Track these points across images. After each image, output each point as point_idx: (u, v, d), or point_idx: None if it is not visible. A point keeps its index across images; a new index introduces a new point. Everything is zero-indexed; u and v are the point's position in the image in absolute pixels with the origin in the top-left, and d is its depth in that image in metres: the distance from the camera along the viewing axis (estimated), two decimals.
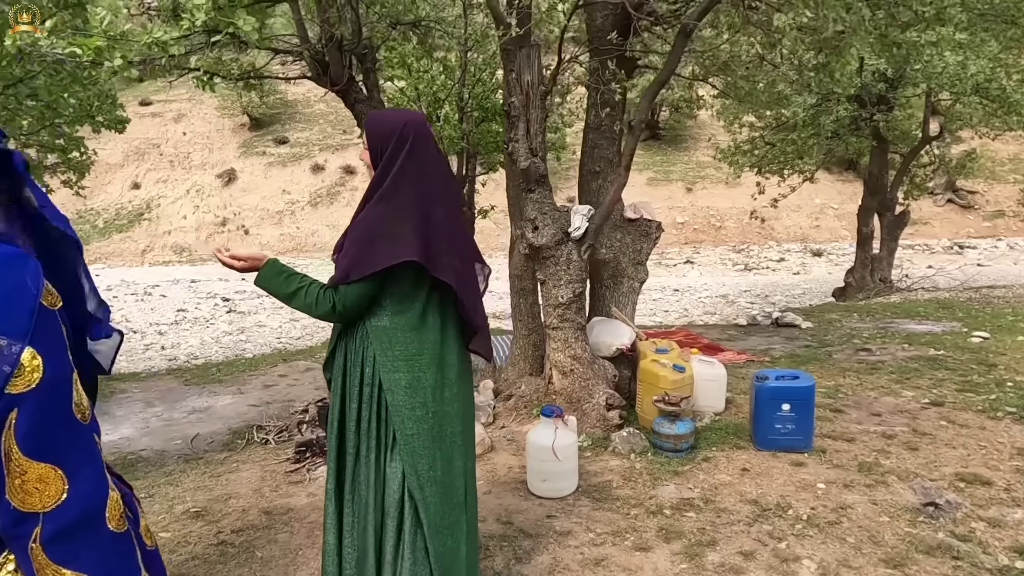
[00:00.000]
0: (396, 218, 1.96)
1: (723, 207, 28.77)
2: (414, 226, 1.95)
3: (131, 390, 5.63)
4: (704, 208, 28.97)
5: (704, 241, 28.04)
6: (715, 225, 28.47)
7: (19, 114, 6.59)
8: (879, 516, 2.90)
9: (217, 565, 2.74)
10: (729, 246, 27.19)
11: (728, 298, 16.49)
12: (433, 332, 2.08)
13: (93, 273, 4.19)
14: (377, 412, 2.06)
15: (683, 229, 28.39)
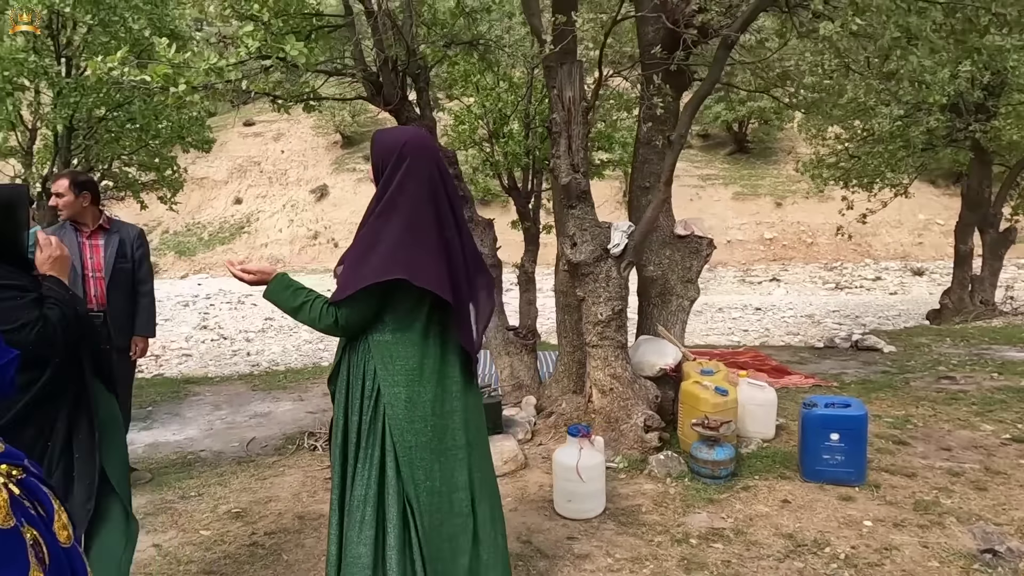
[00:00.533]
0: (393, 235, 2.00)
1: (815, 222, 27.44)
2: (411, 243, 1.99)
3: (203, 393, 6.00)
4: (794, 223, 27.77)
5: (794, 258, 26.85)
6: (806, 241, 27.20)
7: (120, 136, 7.20)
8: (927, 560, 2.66)
9: (245, 565, 2.86)
10: (821, 263, 25.92)
11: (814, 318, 15.69)
12: (434, 347, 2.11)
13: (196, 283, 4.50)
14: (376, 424, 2.10)
15: (771, 245, 27.31)
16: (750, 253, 27.39)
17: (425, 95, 4.68)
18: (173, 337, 13.68)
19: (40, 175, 7.01)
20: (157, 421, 5.17)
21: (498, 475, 3.54)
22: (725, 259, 26.77)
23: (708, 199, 29.08)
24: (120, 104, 6.56)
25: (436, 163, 2.09)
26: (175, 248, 29.26)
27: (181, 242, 29.42)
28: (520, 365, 4.78)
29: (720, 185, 29.93)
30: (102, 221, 3.73)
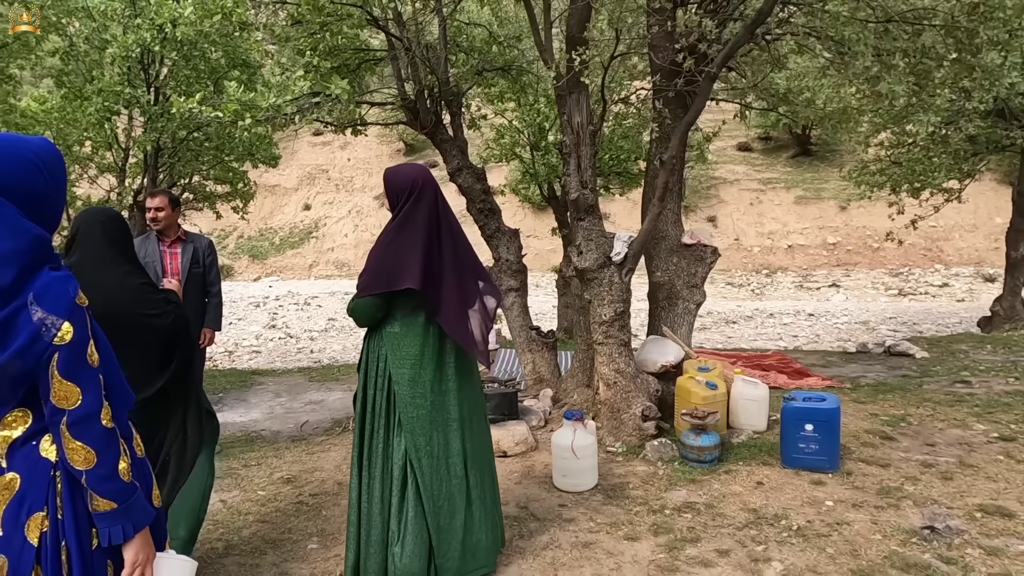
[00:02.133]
0: (401, 252, 2.55)
1: (883, 227, 26.70)
2: (414, 259, 2.53)
3: (267, 383, 6.75)
4: (860, 228, 27.00)
5: (859, 263, 26.14)
6: (872, 246, 26.42)
7: (199, 154, 8.09)
8: (872, 534, 3.01)
9: (292, 518, 3.47)
10: (887, 269, 25.16)
11: (868, 325, 15.46)
12: (433, 338, 2.65)
13: (267, 285, 5.38)
14: (387, 399, 2.65)
15: (834, 250, 26.68)
16: (812, 258, 26.83)
17: (457, 119, 5.25)
18: (245, 335, 14.79)
19: (132, 189, 7.97)
20: (227, 405, 5.92)
21: (510, 456, 4.09)
22: (785, 264, 26.37)
23: (769, 203, 28.63)
24: (199, 127, 7.40)
25: (437, 194, 2.64)
26: (249, 252, 31.02)
27: (254, 246, 31.15)
28: (541, 361, 5.27)
29: (781, 188, 29.36)
30: (179, 233, 4.46)
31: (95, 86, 6.73)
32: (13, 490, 1.31)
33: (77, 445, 1.31)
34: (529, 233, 25.75)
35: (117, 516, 1.35)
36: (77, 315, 1.30)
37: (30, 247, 1.30)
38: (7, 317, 1.25)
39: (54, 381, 1.28)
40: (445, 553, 2.62)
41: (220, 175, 8.65)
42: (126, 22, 6.80)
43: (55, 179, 1.40)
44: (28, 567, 1.30)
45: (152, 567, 1.43)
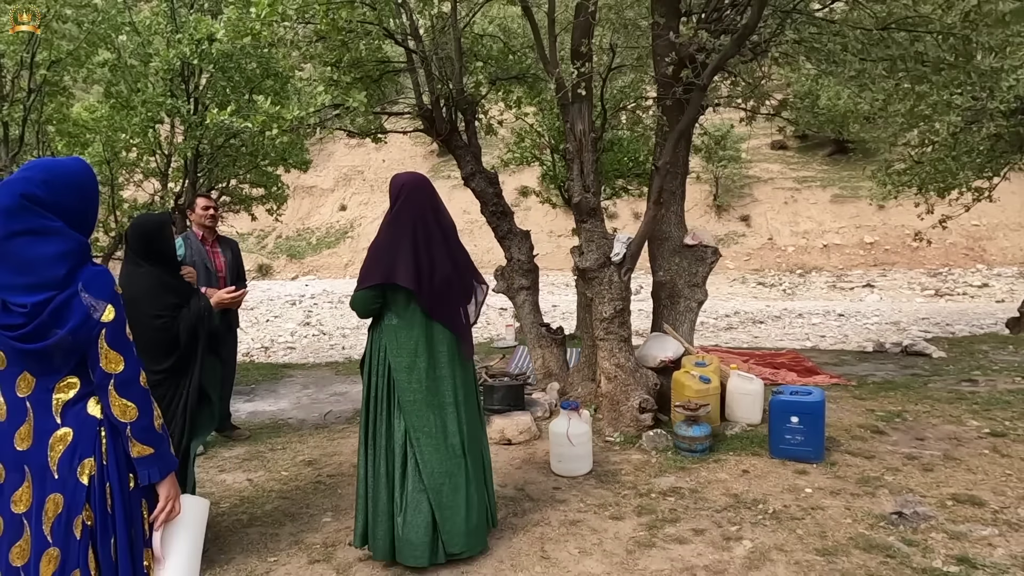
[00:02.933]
0: (390, 249, 2.85)
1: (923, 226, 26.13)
2: (402, 255, 2.83)
3: (296, 375, 7.16)
4: (898, 227, 26.45)
5: (896, 263, 25.66)
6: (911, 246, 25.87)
7: (236, 160, 8.56)
8: (843, 519, 3.20)
9: (311, 495, 3.81)
10: (926, 269, 24.66)
11: (899, 325, 15.27)
12: (426, 328, 2.94)
13: (304, 284, 5.91)
14: (387, 385, 2.96)
15: (871, 249, 26.25)
16: (847, 258, 26.43)
17: (471, 126, 5.54)
18: (280, 332, 15.37)
19: (174, 192, 8.48)
20: (258, 395, 6.33)
21: (513, 443, 4.38)
22: (820, 264, 26.05)
23: (804, 202, 28.30)
24: (235, 135, 7.85)
25: (428, 199, 2.93)
26: (287, 252, 31.90)
27: (292, 246, 32.00)
28: (550, 356, 5.53)
29: (817, 187, 28.96)
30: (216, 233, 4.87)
31: (140, 97, 7.21)
32: (67, 442, 1.64)
33: (123, 402, 1.64)
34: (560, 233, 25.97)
35: (153, 460, 1.69)
36: (116, 299, 1.64)
37: (76, 249, 1.64)
38: (63, 302, 1.59)
39: (102, 351, 1.62)
40: (452, 529, 2.89)
41: (255, 179, 9.11)
42: (168, 37, 7.28)
43: (89, 195, 1.74)
44: (80, 503, 1.63)
45: (179, 503, 1.77)
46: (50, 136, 8.52)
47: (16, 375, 1.64)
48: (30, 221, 1.59)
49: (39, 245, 1.59)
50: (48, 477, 1.63)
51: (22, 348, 1.59)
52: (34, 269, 1.58)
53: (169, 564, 1.74)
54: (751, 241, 27.46)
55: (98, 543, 1.64)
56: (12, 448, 1.64)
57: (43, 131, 8.31)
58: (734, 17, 4.37)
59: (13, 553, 1.64)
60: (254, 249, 30.81)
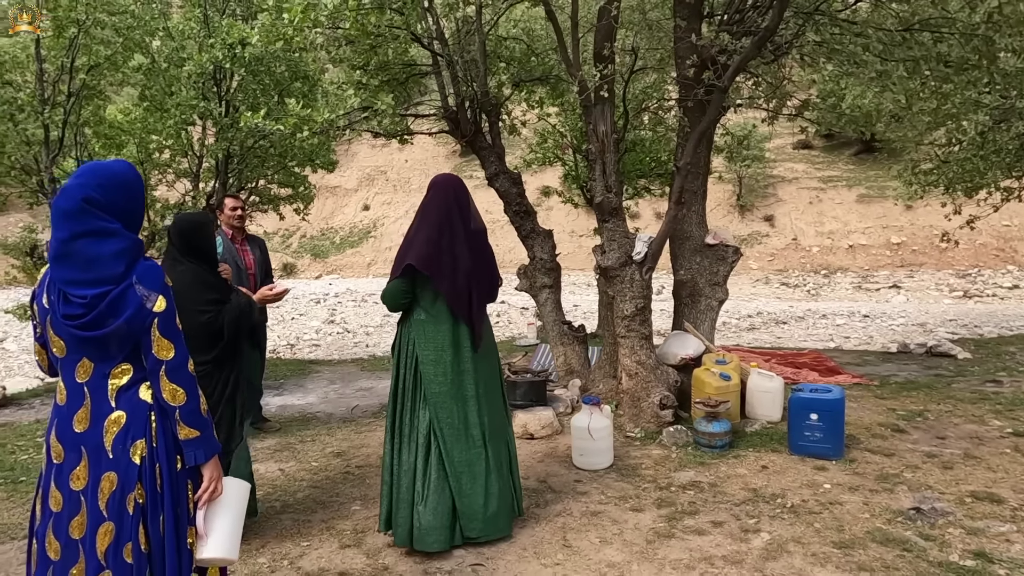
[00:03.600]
0: (417, 242, 2.98)
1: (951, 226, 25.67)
2: (426, 250, 2.95)
3: (323, 371, 7.33)
4: (926, 227, 26.02)
5: (924, 264, 25.24)
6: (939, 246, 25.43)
7: (264, 161, 8.77)
8: (861, 513, 3.25)
9: (340, 485, 3.94)
10: (954, 270, 24.23)
11: (926, 327, 15.07)
12: (452, 323, 3.06)
13: (328, 283, 6.18)
14: (415, 377, 3.08)
15: (898, 250, 25.87)
16: (873, 258, 26.07)
17: (495, 127, 5.65)
18: (305, 330, 15.62)
19: (205, 192, 8.71)
20: (287, 390, 6.51)
21: (535, 438, 4.48)
22: (846, 264, 25.73)
23: (829, 202, 27.96)
24: (264, 136, 8.05)
25: (456, 198, 3.05)
26: (311, 251, 32.31)
27: (316, 245, 32.40)
28: (572, 353, 5.62)
29: (843, 187, 28.59)
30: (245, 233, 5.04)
31: (174, 100, 7.44)
32: (120, 424, 1.77)
33: (172, 387, 1.77)
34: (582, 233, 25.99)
35: (199, 443, 1.81)
36: (167, 291, 1.78)
37: (132, 246, 1.79)
38: (119, 294, 1.73)
39: (155, 339, 1.75)
40: (469, 515, 3.02)
41: (283, 179, 9.32)
42: (200, 41, 7.49)
43: (138, 195, 1.89)
44: (133, 481, 1.76)
45: (221, 484, 1.90)
46: (87, 138, 8.81)
47: (76, 362, 1.78)
48: (91, 223, 1.73)
49: (100, 244, 1.73)
50: (103, 457, 1.76)
51: (82, 336, 1.73)
52: (96, 266, 1.72)
53: (211, 541, 1.86)
54: (775, 241, 27.23)
55: (148, 519, 1.77)
56: (71, 430, 1.78)
57: (80, 133, 8.59)
58: (755, 19, 4.42)
59: (72, 526, 1.78)
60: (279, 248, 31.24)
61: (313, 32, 4.37)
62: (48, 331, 1.79)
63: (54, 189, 8.20)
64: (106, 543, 1.75)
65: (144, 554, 1.76)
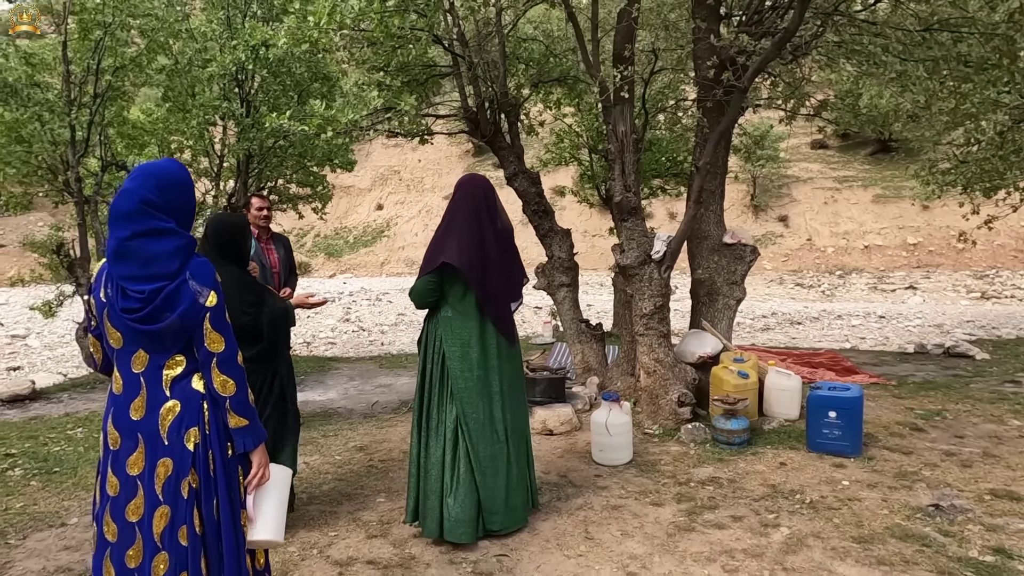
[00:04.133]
0: (450, 240, 3.04)
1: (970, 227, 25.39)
2: (456, 246, 3.01)
3: (342, 368, 7.43)
4: (943, 228, 25.79)
5: (941, 265, 25.02)
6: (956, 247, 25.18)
7: (284, 160, 8.89)
8: (880, 510, 3.28)
9: (364, 478, 4.02)
10: (972, 271, 24.00)
11: (943, 328, 14.97)
12: (479, 320, 3.12)
13: (342, 281, 6.33)
14: (442, 373, 3.14)
15: (915, 251, 25.66)
16: (889, 259, 25.87)
17: (514, 127, 5.71)
18: (321, 328, 15.76)
19: (225, 192, 8.84)
20: (307, 386, 6.61)
21: (555, 434, 4.54)
22: (861, 265, 25.56)
23: (844, 202, 27.77)
24: (284, 136, 8.17)
25: (485, 197, 3.12)
26: (325, 250, 32.51)
27: (330, 245, 32.61)
28: (589, 352, 5.68)
29: (859, 187, 28.37)
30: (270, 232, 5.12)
31: (197, 101, 7.56)
32: (175, 413, 1.86)
33: (223, 378, 1.86)
34: (595, 233, 25.99)
35: (247, 431, 1.90)
36: (218, 287, 1.86)
37: (186, 244, 1.87)
38: (174, 289, 1.81)
39: (206, 332, 1.83)
40: (491, 508, 3.09)
41: (302, 179, 9.44)
42: (223, 43, 7.61)
43: (191, 194, 1.97)
44: (187, 467, 1.84)
45: (268, 470, 1.98)
46: (111, 138, 8.98)
47: (132, 353, 1.87)
48: (149, 223, 1.82)
49: (157, 243, 1.82)
50: (159, 443, 1.85)
51: (139, 329, 1.82)
52: (153, 263, 1.81)
53: (259, 524, 1.95)
54: (789, 241, 27.10)
55: (202, 503, 1.86)
56: (128, 417, 1.87)
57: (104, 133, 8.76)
58: (774, 20, 4.45)
59: (128, 510, 1.86)
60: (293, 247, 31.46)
61: (338, 34, 4.45)
62: (105, 323, 1.87)
63: (79, 188, 8.37)
64: (162, 526, 1.83)
65: (198, 536, 1.85)
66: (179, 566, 1.83)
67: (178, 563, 1.83)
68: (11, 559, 3.09)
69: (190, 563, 1.83)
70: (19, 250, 28.07)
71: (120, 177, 9.68)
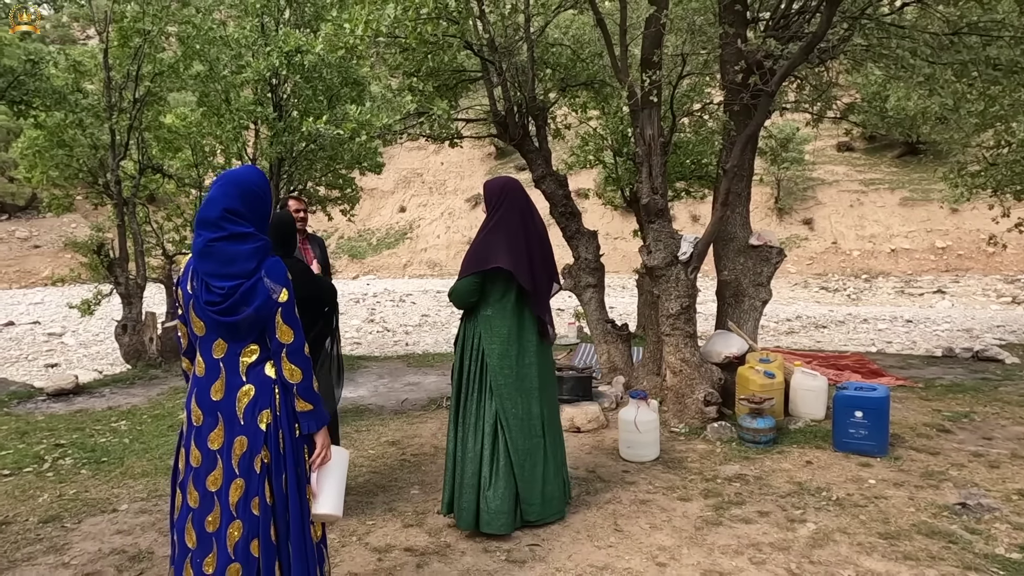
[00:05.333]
0: (494, 243, 3.15)
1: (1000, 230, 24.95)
2: (505, 248, 3.13)
3: (371, 367, 7.59)
4: (973, 231, 25.36)
5: (970, 269, 24.62)
6: (986, 251, 24.76)
7: (314, 163, 9.09)
8: (906, 507, 3.33)
9: (397, 471, 4.15)
10: (1002, 275, 23.59)
11: (972, 333, 14.77)
12: (518, 319, 3.23)
13: (365, 283, 6.50)
14: (480, 369, 3.25)
15: (943, 255, 25.28)
16: (917, 263, 25.51)
17: (542, 131, 5.82)
18: (346, 328, 15.99)
19: None
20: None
21: (582, 431, 4.64)
22: (888, 269, 25.25)
23: (871, 205, 27.45)
24: (315, 140, 8.36)
25: (526, 201, 3.23)
26: (348, 252, 32.88)
27: (354, 247, 32.97)
28: (615, 352, 5.76)
29: (885, 190, 28.01)
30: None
31: (234, 104, 7.78)
32: (250, 396, 2.03)
33: (291, 367, 2.02)
34: (617, 235, 25.98)
35: (312, 415, 2.06)
36: (289, 284, 2.02)
37: (262, 246, 2.04)
38: (250, 286, 1.98)
39: (278, 325, 2.00)
40: (529, 500, 3.20)
41: (331, 181, 9.64)
42: (257, 49, 7.83)
43: (268, 200, 2.13)
44: (260, 445, 2.01)
45: (330, 451, 2.14)
46: (148, 142, 9.26)
47: (213, 341, 2.05)
48: (230, 228, 2.00)
49: (237, 246, 2.00)
50: (236, 423, 2.02)
51: (220, 320, 2.00)
52: (233, 263, 1.99)
53: (322, 499, 2.12)
54: (814, 245, 26.84)
55: (272, 477, 2.03)
56: (209, 398, 2.05)
57: (141, 137, 9.04)
58: (802, 24, 4.51)
59: (208, 480, 2.04)
60: None
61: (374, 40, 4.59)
62: (190, 313, 2.05)
63: (119, 190, 8.65)
64: (237, 496, 2.01)
65: (269, 507, 2.01)
66: (251, 533, 1.99)
67: (251, 531, 2.00)
68: (68, 541, 3.26)
69: (261, 531, 2.00)
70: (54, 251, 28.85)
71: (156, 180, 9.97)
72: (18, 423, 5.75)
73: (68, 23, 38.08)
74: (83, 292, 9.83)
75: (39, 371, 11.92)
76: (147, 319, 8.74)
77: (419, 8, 4.28)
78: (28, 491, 3.99)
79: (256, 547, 1.99)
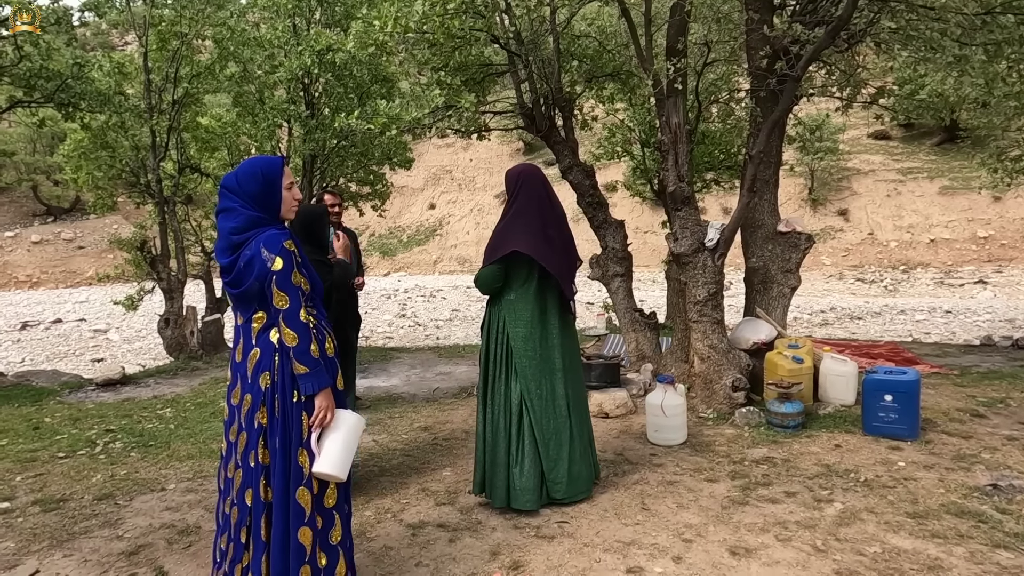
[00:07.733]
0: (517, 228, 3.24)
1: None
2: (526, 234, 3.21)
3: (404, 357, 7.74)
4: (1017, 220, 24.63)
5: (1015, 259, 23.92)
6: None
7: (345, 160, 9.28)
8: (936, 489, 3.32)
9: (429, 454, 4.27)
10: None
11: (1015, 323, 14.38)
12: (540, 302, 3.32)
13: (396, 279, 6.74)
14: (506, 352, 3.35)
15: (985, 244, 24.59)
16: (958, 253, 24.86)
17: (569, 122, 5.88)
18: (378, 323, 16.25)
19: None
20: (371, 373, 6.93)
21: (610, 417, 4.71)
22: (927, 260, 24.67)
23: (909, 194, 26.83)
24: (346, 136, 8.55)
25: (543, 185, 3.31)
26: (380, 249, 33.27)
27: (384, 244, 33.35)
28: (643, 340, 5.80)
29: (924, 179, 27.33)
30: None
31: (268, 104, 8.00)
32: (256, 358, 2.20)
33: (287, 331, 2.14)
34: (646, 229, 25.85)
35: (309, 377, 2.16)
36: (284, 252, 2.13)
37: (252, 219, 2.18)
38: (250, 258, 2.14)
39: (274, 292, 2.13)
40: (555, 478, 3.29)
41: (362, 177, 9.83)
42: (289, 48, 8.03)
43: (270, 180, 2.22)
44: (259, 403, 2.17)
45: (332, 414, 2.23)
46: (186, 142, 9.55)
47: (234, 309, 2.29)
48: (222, 203, 2.22)
49: (227, 220, 2.20)
50: (247, 381, 2.22)
51: (230, 292, 2.21)
52: (227, 236, 2.19)
53: (322, 458, 2.19)
54: (849, 236, 26.32)
55: (267, 439, 2.20)
56: (235, 359, 2.28)
57: (180, 137, 9.33)
58: (828, 8, 4.49)
59: (231, 431, 2.28)
60: None
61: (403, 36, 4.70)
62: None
63: (160, 189, 8.95)
64: (242, 447, 2.23)
65: (261, 464, 2.19)
66: (247, 483, 2.21)
67: (247, 481, 2.21)
68: (121, 516, 3.45)
69: (254, 483, 2.19)
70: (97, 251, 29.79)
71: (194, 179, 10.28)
72: (71, 410, 6.03)
73: (107, 30, 39.21)
74: (126, 290, 10.19)
75: (86, 365, 12.38)
76: (188, 313, 9.03)
77: (446, 3, 4.37)
78: (83, 472, 4.21)
79: (249, 496, 2.19)
